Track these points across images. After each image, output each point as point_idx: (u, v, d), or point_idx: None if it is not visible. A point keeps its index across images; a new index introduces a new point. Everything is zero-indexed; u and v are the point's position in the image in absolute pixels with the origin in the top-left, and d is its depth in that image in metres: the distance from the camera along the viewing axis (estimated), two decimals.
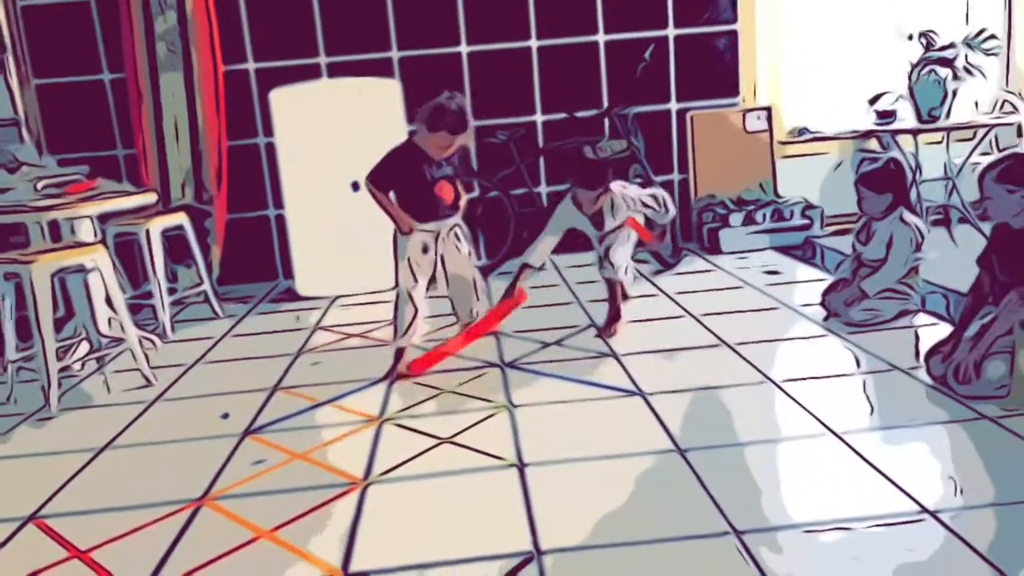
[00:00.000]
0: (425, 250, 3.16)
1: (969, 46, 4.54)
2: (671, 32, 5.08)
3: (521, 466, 2.25)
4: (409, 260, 3.13)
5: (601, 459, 2.25)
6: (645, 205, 3.46)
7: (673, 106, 5.20)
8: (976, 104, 5.13)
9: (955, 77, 4.53)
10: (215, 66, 4.74)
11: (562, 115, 5.04)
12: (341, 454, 2.43)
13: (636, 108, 4.94)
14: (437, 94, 4.63)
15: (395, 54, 4.98)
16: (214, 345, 3.82)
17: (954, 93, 4.58)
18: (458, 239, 3.25)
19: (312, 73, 4.93)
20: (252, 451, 2.51)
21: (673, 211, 3.53)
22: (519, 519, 1.95)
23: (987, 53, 4.58)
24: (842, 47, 5.29)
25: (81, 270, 3.28)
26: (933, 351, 2.61)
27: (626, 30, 5.05)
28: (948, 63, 4.50)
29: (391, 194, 3.12)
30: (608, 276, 3.46)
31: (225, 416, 2.83)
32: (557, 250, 3.60)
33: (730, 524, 1.85)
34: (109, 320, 3.49)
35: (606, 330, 3.45)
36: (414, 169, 3.07)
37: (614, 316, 3.47)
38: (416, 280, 3.15)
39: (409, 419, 2.67)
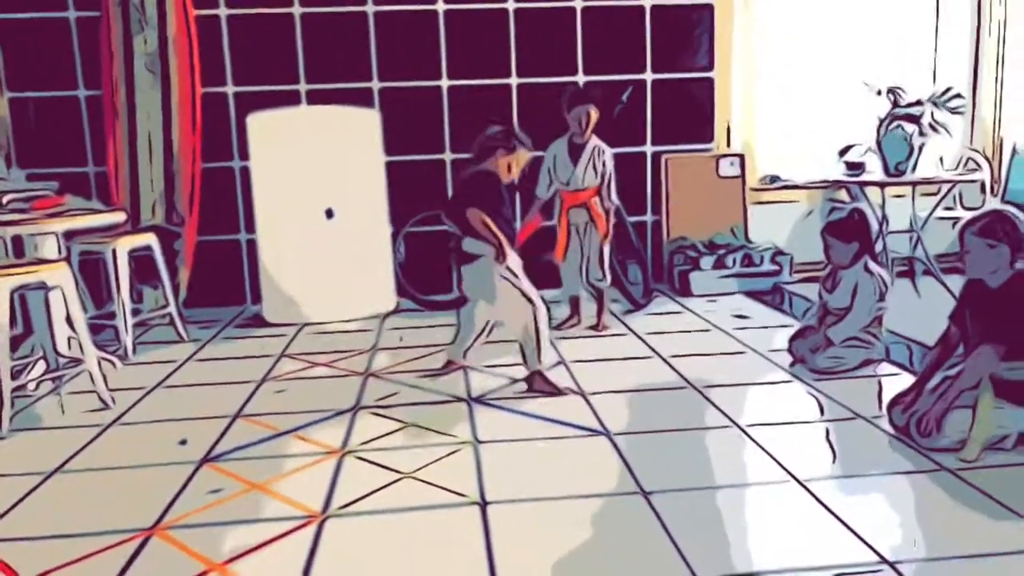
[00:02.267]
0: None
1: (935, 104, 4.68)
2: (649, 76, 5.18)
3: (483, 504, 2.22)
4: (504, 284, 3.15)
5: (564, 499, 2.23)
6: (610, 179, 4.03)
7: (648, 148, 5.27)
8: (941, 160, 5.28)
9: (921, 133, 4.66)
10: (193, 87, 4.72)
11: (538, 153, 5.09)
12: (300, 486, 2.38)
13: (611, 149, 4.99)
14: (416, 126, 4.74)
15: (376, 84, 5.01)
16: (176, 369, 3.74)
17: (920, 148, 4.70)
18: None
19: (291, 99, 4.93)
20: (209, 480, 2.45)
21: (615, 201, 4.09)
22: (478, 558, 1.92)
23: (952, 112, 4.72)
24: (814, 99, 5.43)
25: (42, 287, 3.21)
26: (895, 401, 2.64)
27: (605, 72, 5.13)
28: (915, 120, 4.63)
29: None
30: (598, 284, 4.10)
31: (183, 442, 2.77)
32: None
33: (691, 570, 1.83)
34: (68, 340, 3.41)
35: (598, 324, 4.13)
36: (501, 194, 3.18)
37: (600, 309, 4.13)
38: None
39: (372, 452, 2.63)
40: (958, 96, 4.73)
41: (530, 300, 3.14)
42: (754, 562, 1.87)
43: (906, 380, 2.91)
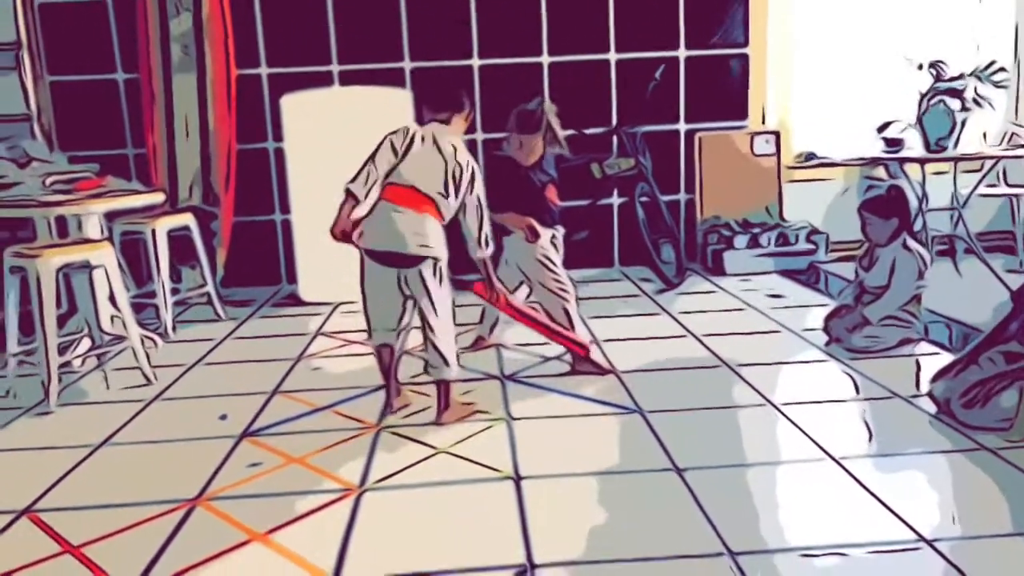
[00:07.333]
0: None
1: (979, 78, 4.56)
2: (682, 53, 5.11)
3: (517, 479, 2.24)
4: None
5: (598, 475, 2.24)
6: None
7: (682, 127, 5.22)
8: (984, 136, 5.15)
9: (964, 108, 4.54)
10: (228, 70, 4.76)
11: (571, 132, 5.06)
12: (337, 460, 2.43)
13: (644, 127, 4.95)
14: None
15: (407, 65, 5.01)
16: (215, 347, 3.82)
17: (963, 124, 4.59)
18: (555, 247, 3.27)
19: (324, 80, 4.96)
20: (249, 453, 2.51)
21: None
22: (514, 531, 1.95)
23: (996, 85, 4.59)
24: (852, 74, 5.32)
25: (86, 267, 3.29)
26: (942, 373, 2.59)
27: (638, 50, 5.07)
28: (957, 94, 4.52)
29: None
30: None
31: (223, 417, 2.83)
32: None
33: (725, 545, 1.84)
34: (112, 318, 3.49)
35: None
36: (519, 178, 3.14)
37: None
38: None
39: (407, 428, 2.67)
40: (1002, 69, 4.60)
41: (559, 279, 3.15)
42: (789, 539, 1.87)
43: (944, 360, 2.86)
